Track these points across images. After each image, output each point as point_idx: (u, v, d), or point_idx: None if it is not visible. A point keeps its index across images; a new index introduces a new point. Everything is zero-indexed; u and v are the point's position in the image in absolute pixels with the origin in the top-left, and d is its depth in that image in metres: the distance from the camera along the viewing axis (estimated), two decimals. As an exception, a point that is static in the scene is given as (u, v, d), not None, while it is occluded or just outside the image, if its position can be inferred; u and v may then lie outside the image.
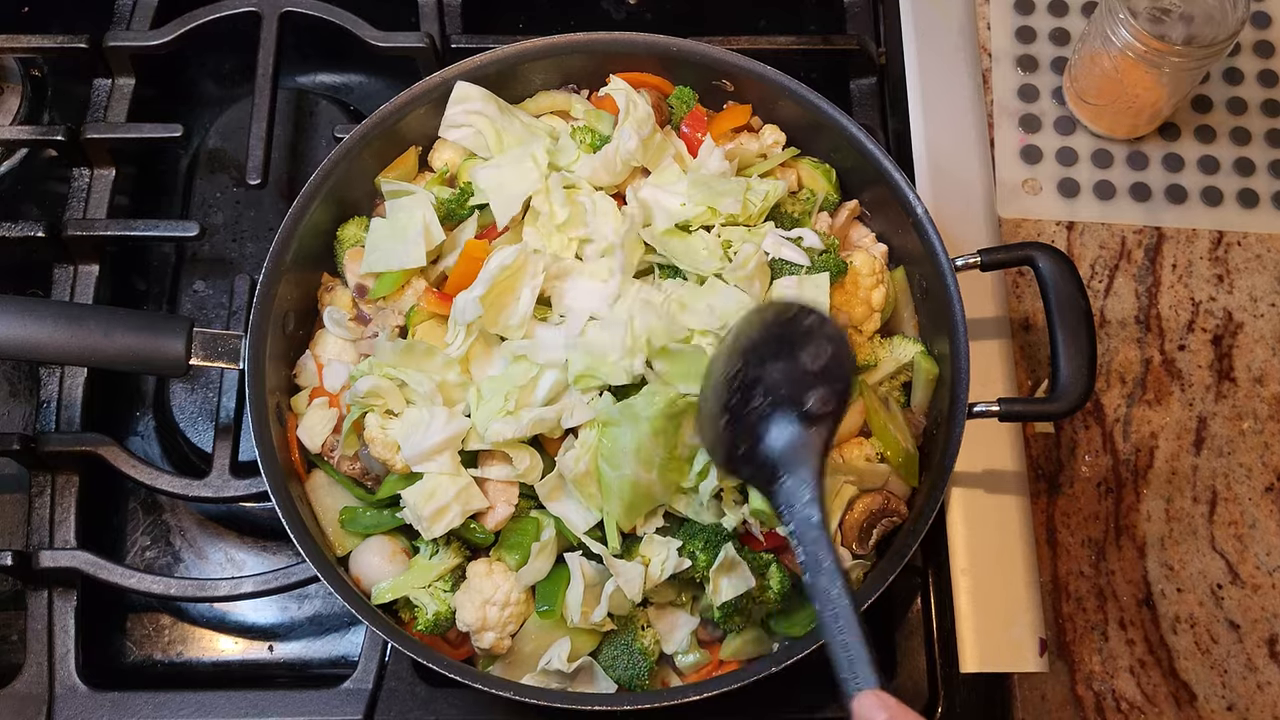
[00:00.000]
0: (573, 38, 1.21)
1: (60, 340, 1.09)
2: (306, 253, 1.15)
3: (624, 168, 1.14)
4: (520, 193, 1.13)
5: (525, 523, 1.07)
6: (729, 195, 1.12)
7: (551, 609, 1.04)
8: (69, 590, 1.19)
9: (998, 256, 1.14)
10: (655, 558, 1.04)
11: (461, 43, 1.38)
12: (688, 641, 1.08)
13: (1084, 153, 1.35)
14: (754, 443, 0.94)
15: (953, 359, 1.09)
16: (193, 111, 1.47)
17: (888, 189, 1.16)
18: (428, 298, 1.12)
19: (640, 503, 1.03)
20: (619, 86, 1.18)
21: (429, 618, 1.05)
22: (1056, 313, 1.09)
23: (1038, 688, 1.16)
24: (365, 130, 1.16)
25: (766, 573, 1.07)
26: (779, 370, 0.95)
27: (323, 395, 1.13)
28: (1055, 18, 1.41)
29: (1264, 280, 1.30)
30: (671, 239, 1.12)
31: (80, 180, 1.35)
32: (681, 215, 1.12)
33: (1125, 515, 1.22)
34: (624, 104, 1.16)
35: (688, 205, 1.12)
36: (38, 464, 1.22)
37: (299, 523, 1.05)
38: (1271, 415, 1.25)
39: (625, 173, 1.15)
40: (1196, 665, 1.17)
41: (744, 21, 1.51)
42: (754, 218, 1.13)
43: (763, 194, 1.14)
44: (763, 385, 0.94)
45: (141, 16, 1.41)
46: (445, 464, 1.04)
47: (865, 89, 1.42)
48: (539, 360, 1.06)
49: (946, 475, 1.05)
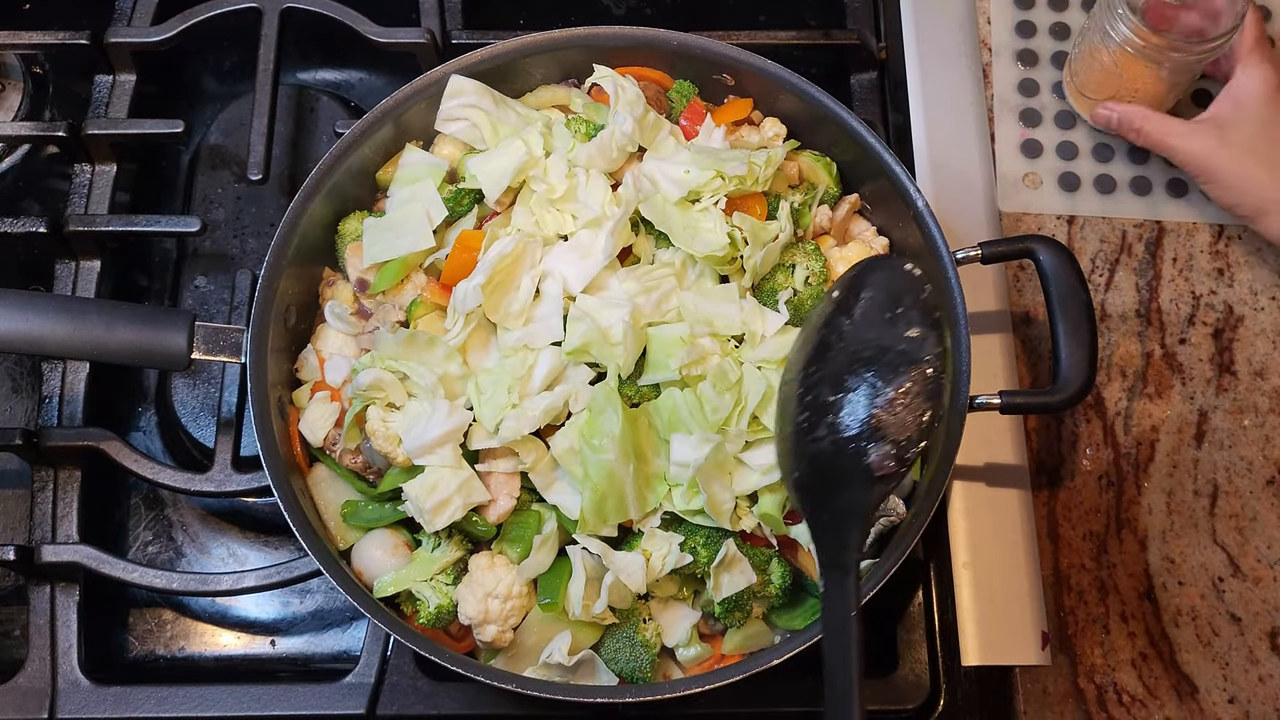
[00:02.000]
0: (572, 32, 1.21)
1: (62, 334, 1.09)
2: (308, 247, 1.15)
3: (620, 154, 1.14)
4: (508, 167, 1.13)
5: (527, 515, 1.08)
6: (733, 160, 1.11)
7: (554, 602, 1.04)
8: (71, 585, 1.19)
9: (998, 249, 1.14)
10: (656, 552, 1.05)
11: (462, 38, 1.38)
12: (689, 635, 1.08)
13: (1084, 147, 1.35)
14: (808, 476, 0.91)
15: (953, 352, 1.09)
16: (194, 108, 1.47)
17: (889, 182, 1.15)
18: (430, 288, 1.12)
19: (608, 502, 1.03)
20: (604, 74, 1.18)
21: (431, 611, 1.05)
22: (1057, 305, 1.09)
23: (1039, 681, 1.16)
24: (366, 125, 1.16)
25: (768, 567, 1.07)
26: (851, 402, 0.89)
27: (324, 389, 1.13)
28: (1055, 12, 1.41)
29: (1264, 274, 1.30)
30: (677, 213, 1.11)
31: (82, 176, 1.35)
32: (688, 183, 1.11)
33: (1126, 508, 1.22)
34: (612, 89, 1.16)
35: (692, 172, 1.11)
36: (40, 459, 1.23)
37: (301, 516, 1.05)
38: (1272, 408, 1.25)
39: (622, 159, 1.15)
40: (1198, 658, 1.17)
41: (744, 16, 1.51)
42: (759, 182, 1.13)
43: (764, 158, 1.13)
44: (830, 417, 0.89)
45: (143, 13, 1.41)
46: (447, 457, 1.05)
47: (866, 84, 1.42)
48: (536, 344, 1.06)
49: (948, 469, 1.05)
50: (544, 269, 1.09)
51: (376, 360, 1.07)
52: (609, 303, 1.07)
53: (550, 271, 1.09)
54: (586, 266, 1.09)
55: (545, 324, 1.08)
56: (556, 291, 1.08)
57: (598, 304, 1.07)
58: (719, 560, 1.04)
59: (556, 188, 1.12)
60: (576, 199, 1.12)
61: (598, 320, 1.06)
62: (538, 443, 1.06)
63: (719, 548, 1.04)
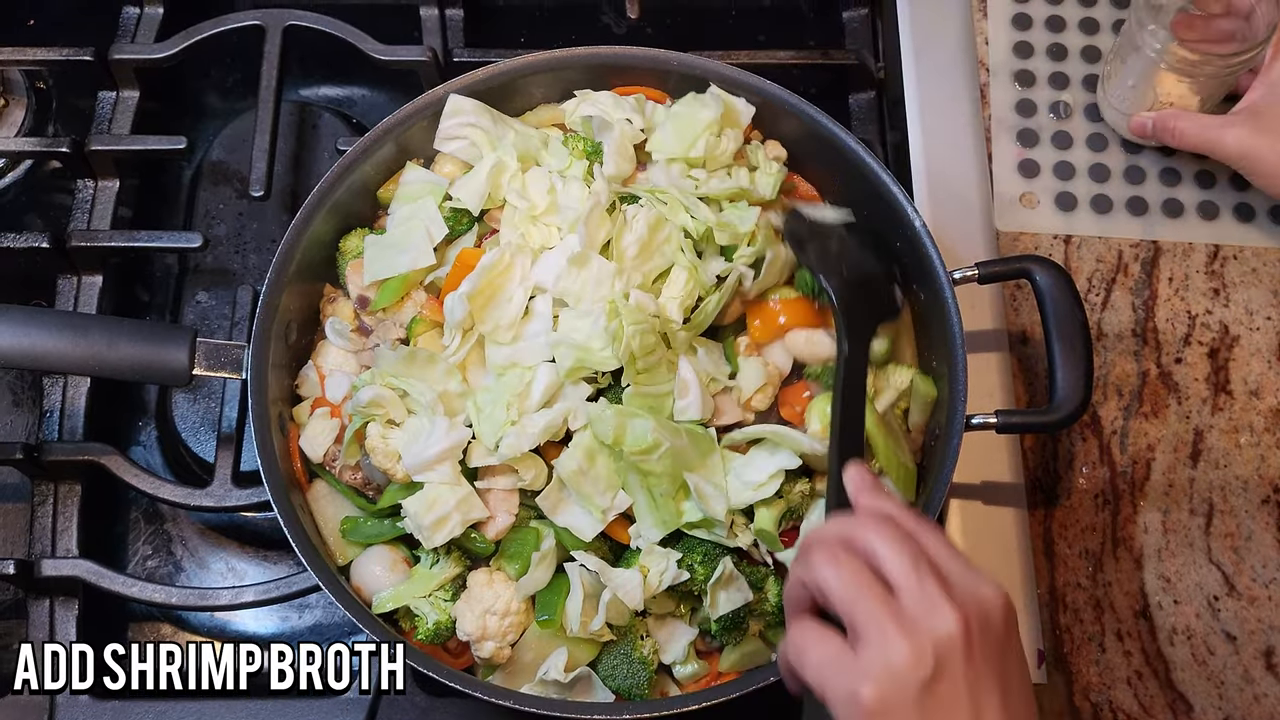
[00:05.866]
0: (573, 52, 1.22)
1: (64, 349, 1.09)
2: (309, 264, 1.16)
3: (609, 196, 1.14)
4: (482, 180, 1.14)
5: (525, 533, 1.08)
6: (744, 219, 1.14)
7: (551, 618, 1.04)
8: (70, 599, 1.19)
9: (995, 269, 1.14)
10: (654, 568, 1.05)
11: (463, 56, 1.39)
12: (686, 652, 1.08)
13: (1081, 167, 1.36)
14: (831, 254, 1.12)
15: (950, 372, 1.09)
16: (196, 124, 1.48)
17: (886, 203, 1.16)
18: (430, 306, 1.13)
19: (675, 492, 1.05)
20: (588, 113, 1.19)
21: (429, 627, 1.05)
22: (1054, 325, 1.10)
23: (1035, 699, 1.16)
24: (368, 143, 1.16)
25: (765, 586, 1.08)
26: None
27: (324, 405, 1.13)
28: (1053, 33, 1.42)
29: (1260, 293, 1.31)
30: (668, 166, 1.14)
31: (84, 192, 1.36)
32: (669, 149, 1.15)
33: (1122, 527, 1.22)
34: (597, 129, 1.17)
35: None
36: (40, 473, 1.23)
37: (301, 532, 1.05)
38: (1268, 428, 1.26)
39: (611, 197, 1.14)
40: (1193, 676, 1.18)
41: (743, 36, 1.52)
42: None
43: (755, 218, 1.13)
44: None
45: (146, 30, 1.42)
46: (446, 474, 1.05)
47: (864, 103, 1.43)
48: (526, 362, 1.07)
49: (945, 488, 1.06)
50: (535, 282, 1.10)
51: (376, 377, 1.08)
52: (584, 313, 1.07)
53: (541, 286, 1.10)
54: (560, 261, 1.09)
55: (533, 342, 1.08)
56: (546, 310, 1.09)
57: (573, 318, 1.07)
58: (716, 578, 1.04)
59: (538, 204, 1.13)
60: (558, 210, 1.13)
61: (576, 338, 1.06)
62: (537, 460, 1.06)
63: (716, 565, 1.04)
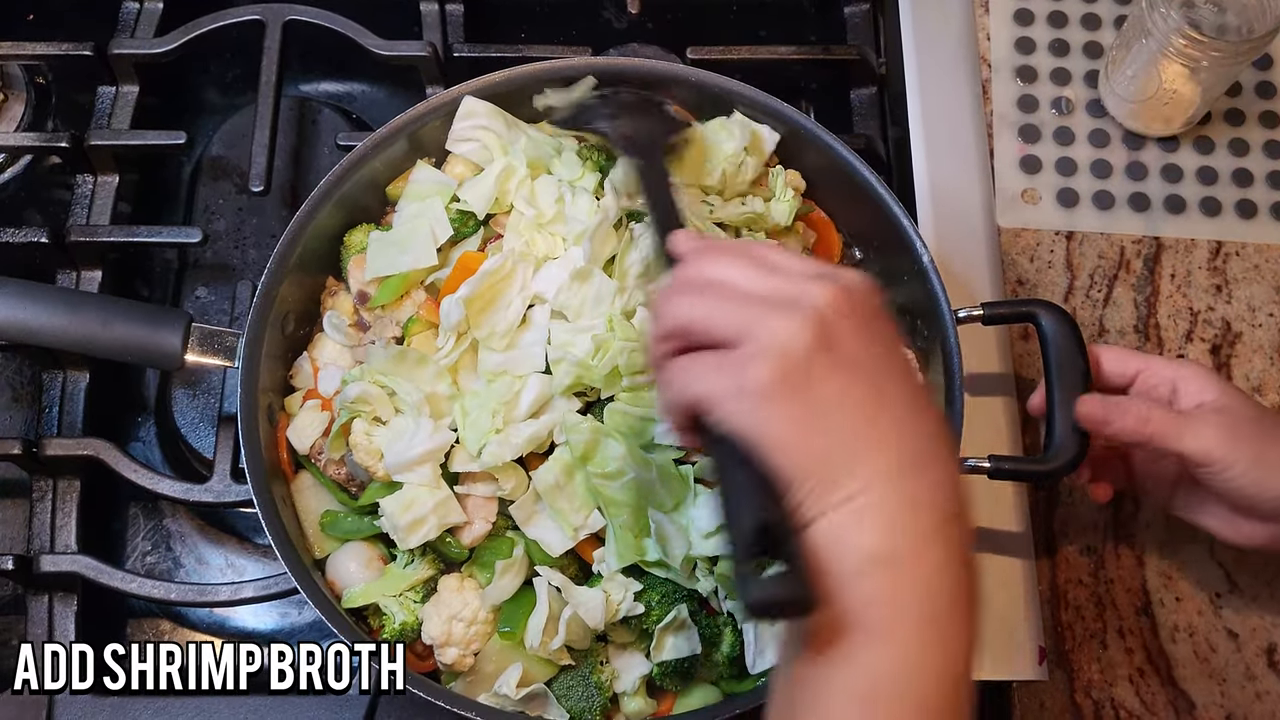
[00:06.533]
0: (591, 61, 1.22)
1: (57, 326, 1.09)
2: (312, 256, 1.15)
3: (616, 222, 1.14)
4: (490, 184, 1.13)
5: (501, 542, 1.07)
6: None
7: (513, 631, 1.03)
8: (69, 595, 1.19)
9: (1000, 311, 1.13)
10: (614, 595, 1.03)
11: (463, 51, 1.38)
12: (636, 685, 1.05)
13: (1083, 163, 1.36)
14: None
15: (950, 413, 1.07)
16: (196, 119, 1.47)
17: (895, 235, 1.14)
18: (427, 306, 1.12)
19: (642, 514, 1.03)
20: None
21: (395, 627, 1.05)
22: (1055, 371, 1.07)
23: (1037, 696, 1.16)
24: (379, 138, 1.16)
25: (720, 639, 1.05)
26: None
27: (316, 398, 1.13)
28: (1055, 29, 1.42)
29: (1262, 290, 1.31)
30: None
31: (84, 187, 1.35)
32: None
33: (1124, 524, 1.22)
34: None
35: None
36: (39, 468, 1.23)
37: (277, 521, 1.05)
38: (1270, 425, 1.25)
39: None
40: (1195, 674, 1.17)
41: (745, 31, 1.51)
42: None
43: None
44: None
45: (146, 25, 1.41)
46: (426, 476, 1.04)
47: (865, 98, 1.43)
48: (518, 371, 1.06)
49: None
50: (535, 292, 1.09)
51: (365, 374, 1.07)
52: (581, 329, 1.06)
53: (541, 296, 1.09)
54: (562, 273, 1.08)
55: (528, 352, 1.07)
56: (544, 321, 1.08)
57: (571, 331, 1.06)
58: (666, 623, 1.02)
59: (545, 212, 1.12)
60: (565, 220, 1.12)
61: (575, 353, 1.05)
62: (519, 470, 1.05)
63: (670, 608, 1.03)
